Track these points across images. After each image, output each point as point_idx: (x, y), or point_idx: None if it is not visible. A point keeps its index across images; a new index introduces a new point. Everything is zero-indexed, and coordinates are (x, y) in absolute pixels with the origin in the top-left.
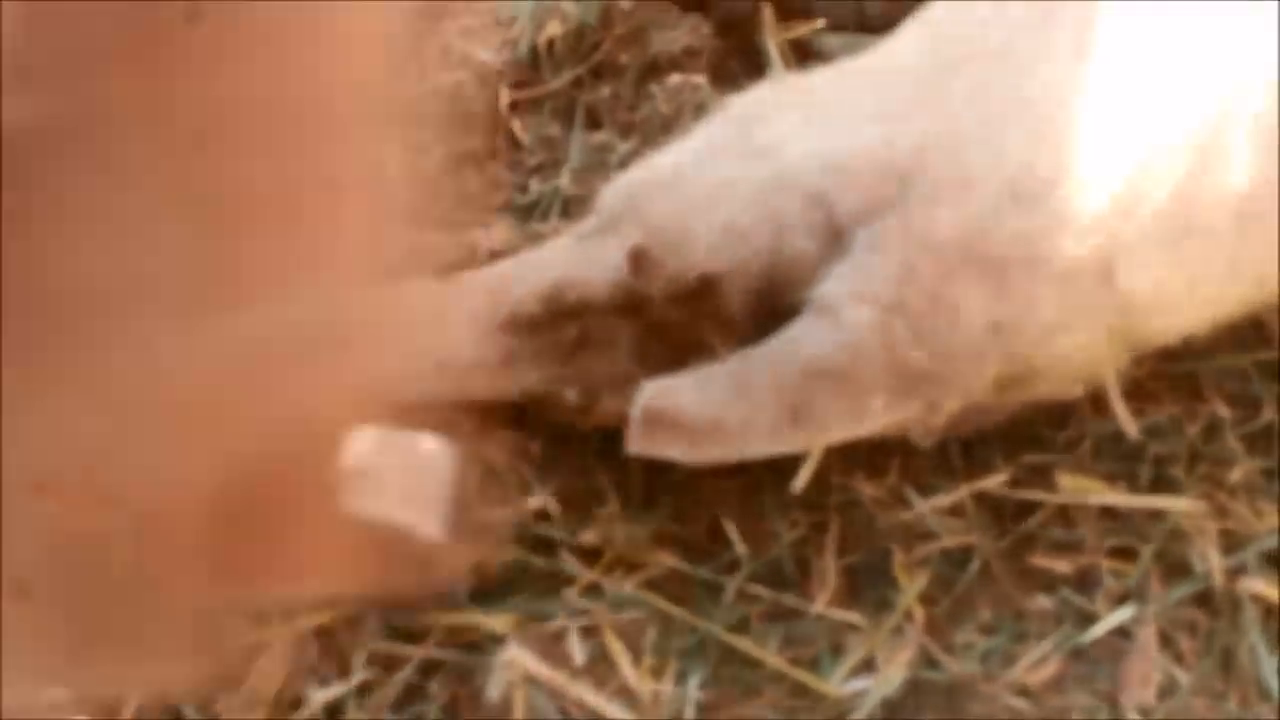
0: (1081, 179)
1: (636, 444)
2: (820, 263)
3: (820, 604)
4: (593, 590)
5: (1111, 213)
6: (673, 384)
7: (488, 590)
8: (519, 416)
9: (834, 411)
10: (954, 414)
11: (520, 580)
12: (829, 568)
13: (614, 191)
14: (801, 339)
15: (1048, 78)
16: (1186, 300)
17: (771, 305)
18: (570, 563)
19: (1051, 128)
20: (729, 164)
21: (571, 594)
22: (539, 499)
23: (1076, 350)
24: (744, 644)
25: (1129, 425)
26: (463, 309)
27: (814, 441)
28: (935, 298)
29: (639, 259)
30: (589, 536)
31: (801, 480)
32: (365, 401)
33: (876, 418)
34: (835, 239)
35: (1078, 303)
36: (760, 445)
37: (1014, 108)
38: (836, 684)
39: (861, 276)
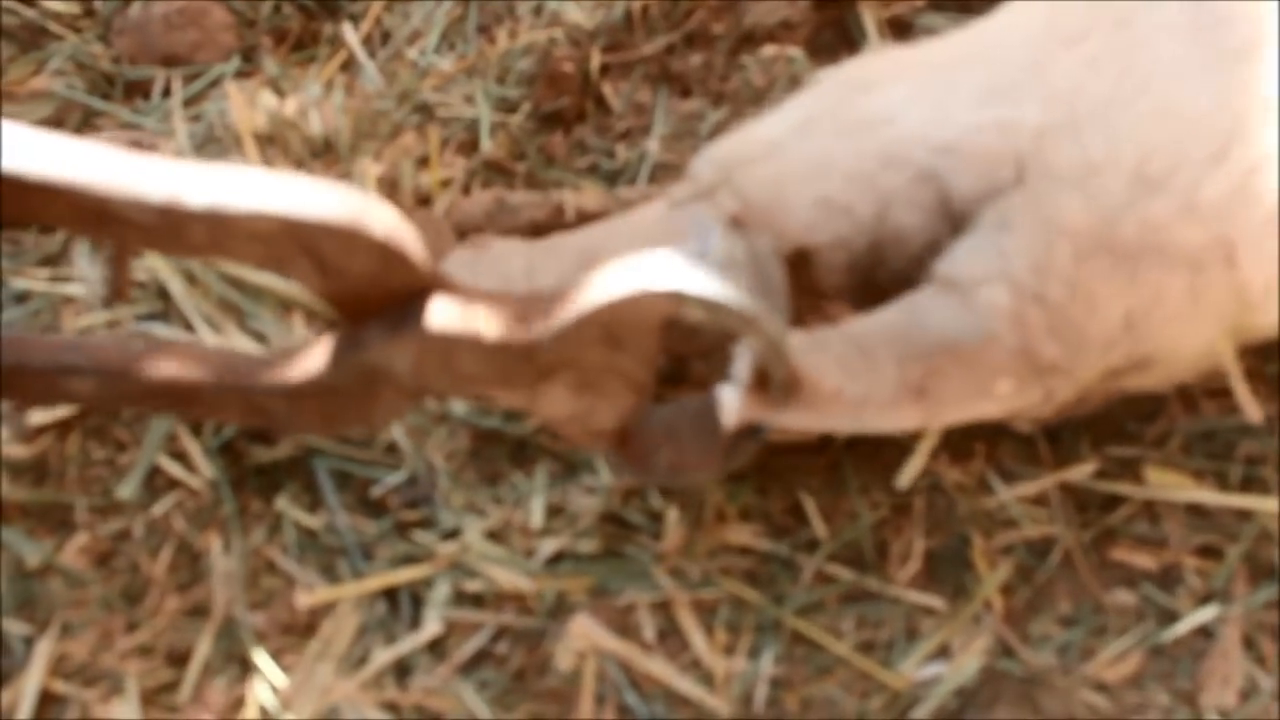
0: (1203, 163)
1: (740, 408)
2: (928, 237)
3: (898, 587)
4: (667, 565)
5: (1234, 198)
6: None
7: (561, 560)
8: None
9: (958, 391)
10: (1066, 403)
11: (596, 553)
12: (908, 551)
13: (709, 159)
14: (930, 314)
15: (1166, 51)
16: None
17: (869, 277)
18: (645, 535)
19: (1170, 106)
20: (829, 136)
21: (644, 568)
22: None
23: (1196, 339)
24: (817, 626)
25: (1253, 411)
26: (553, 271)
27: (931, 420)
28: (1073, 287)
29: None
30: (669, 512)
31: (908, 477)
32: None
33: (998, 402)
34: (947, 216)
35: (1204, 291)
36: (876, 418)
37: (1132, 84)
38: (910, 669)
39: (996, 257)
